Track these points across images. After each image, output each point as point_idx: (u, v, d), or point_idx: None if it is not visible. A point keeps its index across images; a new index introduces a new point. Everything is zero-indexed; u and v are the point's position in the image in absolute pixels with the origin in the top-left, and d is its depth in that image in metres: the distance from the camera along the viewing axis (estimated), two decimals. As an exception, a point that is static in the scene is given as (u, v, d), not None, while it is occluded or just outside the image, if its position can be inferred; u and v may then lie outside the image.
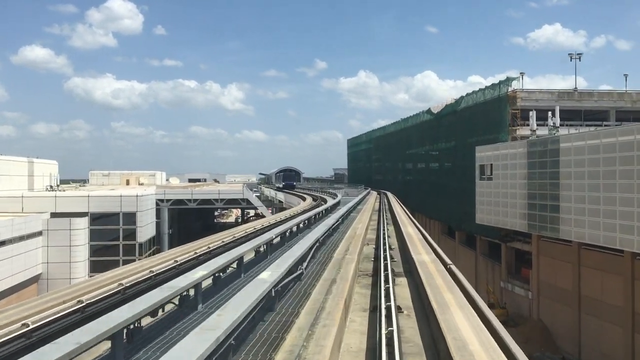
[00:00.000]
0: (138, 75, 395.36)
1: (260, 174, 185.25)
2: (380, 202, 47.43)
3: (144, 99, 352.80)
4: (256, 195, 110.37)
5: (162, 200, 63.30)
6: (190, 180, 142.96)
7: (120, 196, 55.97)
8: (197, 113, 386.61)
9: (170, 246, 63.69)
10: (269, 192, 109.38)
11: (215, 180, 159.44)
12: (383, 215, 31.13)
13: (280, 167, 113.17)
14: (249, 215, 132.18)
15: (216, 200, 65.00)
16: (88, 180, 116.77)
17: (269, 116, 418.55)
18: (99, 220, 55.92)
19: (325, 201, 46.67)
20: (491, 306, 45.41)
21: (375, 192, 71.67)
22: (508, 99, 45.31)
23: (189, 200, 64.15)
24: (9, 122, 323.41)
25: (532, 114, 40.42)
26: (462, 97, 54.47)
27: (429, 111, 66.19)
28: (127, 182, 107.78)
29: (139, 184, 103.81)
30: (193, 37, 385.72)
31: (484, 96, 49.31)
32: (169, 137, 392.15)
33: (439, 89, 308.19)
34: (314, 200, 53.39)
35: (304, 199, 56.72)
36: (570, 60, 52.10)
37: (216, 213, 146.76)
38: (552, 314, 39.41)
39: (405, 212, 36.74)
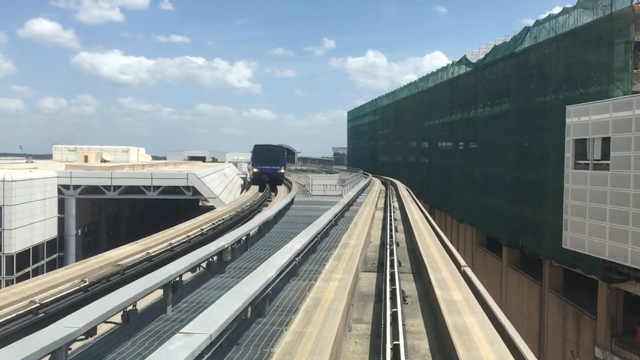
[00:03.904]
0: (145, 51, 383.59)
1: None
2: (385, 209, 25.97)
3: (151, 75, 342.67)
4: (242, 177, 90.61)
5: (67, 187, 42.94)
6: (190, 158, 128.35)
7: (-22, 181, 35.59)
8: (204, 90, 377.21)
9: (82, 252, 43.50)
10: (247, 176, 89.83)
11: (214, 159, 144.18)
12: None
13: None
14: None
15: (147, 187, 44.36)
16: (52, 155, 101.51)
17: (277, 95, 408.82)
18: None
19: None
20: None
21: (378, 180, 50.94)
22: (631, 20, 24.08)
23: (108, 188, 43.67)
24: (17, 95, 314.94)
25: None
26: (525, 29, 32.92)
27: (464, 60, 44.21)
28: (86, 159, 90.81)
29: (101, 161, 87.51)
30: (200, 13, 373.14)
31: (576, 21, 27.99)
32: (177, 114, 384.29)
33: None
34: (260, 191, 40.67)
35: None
36: None
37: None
38: None
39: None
